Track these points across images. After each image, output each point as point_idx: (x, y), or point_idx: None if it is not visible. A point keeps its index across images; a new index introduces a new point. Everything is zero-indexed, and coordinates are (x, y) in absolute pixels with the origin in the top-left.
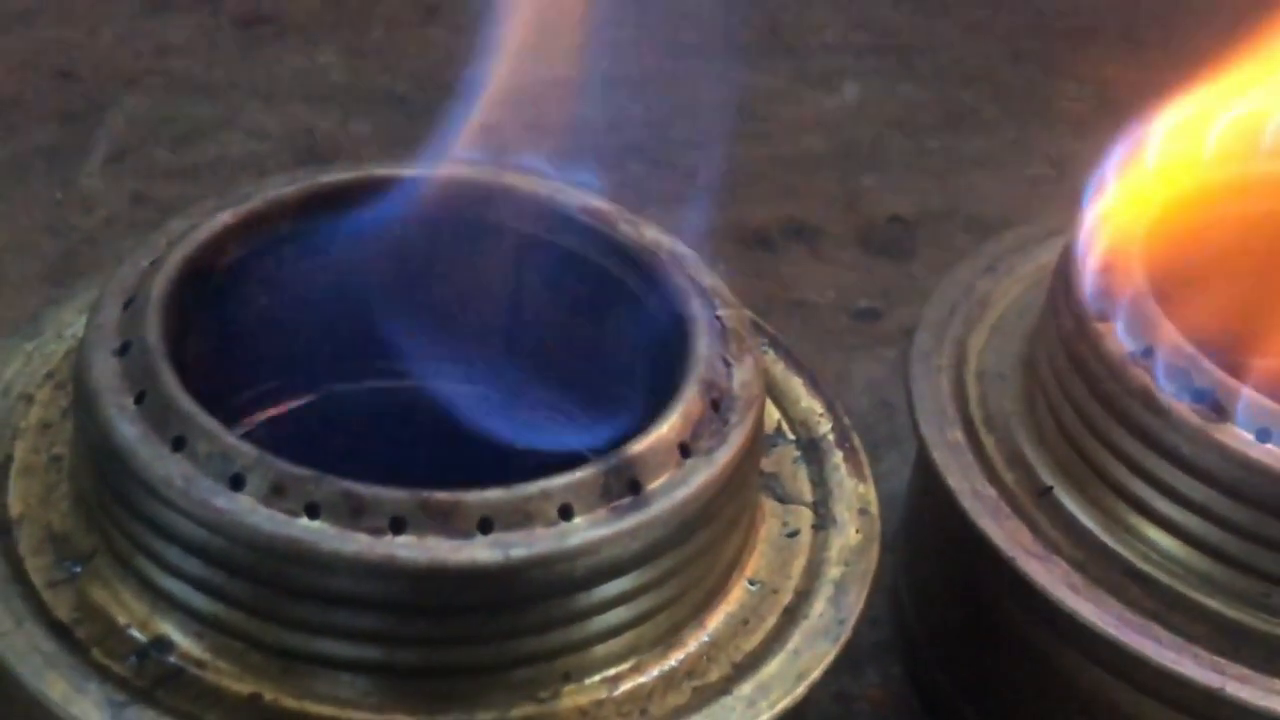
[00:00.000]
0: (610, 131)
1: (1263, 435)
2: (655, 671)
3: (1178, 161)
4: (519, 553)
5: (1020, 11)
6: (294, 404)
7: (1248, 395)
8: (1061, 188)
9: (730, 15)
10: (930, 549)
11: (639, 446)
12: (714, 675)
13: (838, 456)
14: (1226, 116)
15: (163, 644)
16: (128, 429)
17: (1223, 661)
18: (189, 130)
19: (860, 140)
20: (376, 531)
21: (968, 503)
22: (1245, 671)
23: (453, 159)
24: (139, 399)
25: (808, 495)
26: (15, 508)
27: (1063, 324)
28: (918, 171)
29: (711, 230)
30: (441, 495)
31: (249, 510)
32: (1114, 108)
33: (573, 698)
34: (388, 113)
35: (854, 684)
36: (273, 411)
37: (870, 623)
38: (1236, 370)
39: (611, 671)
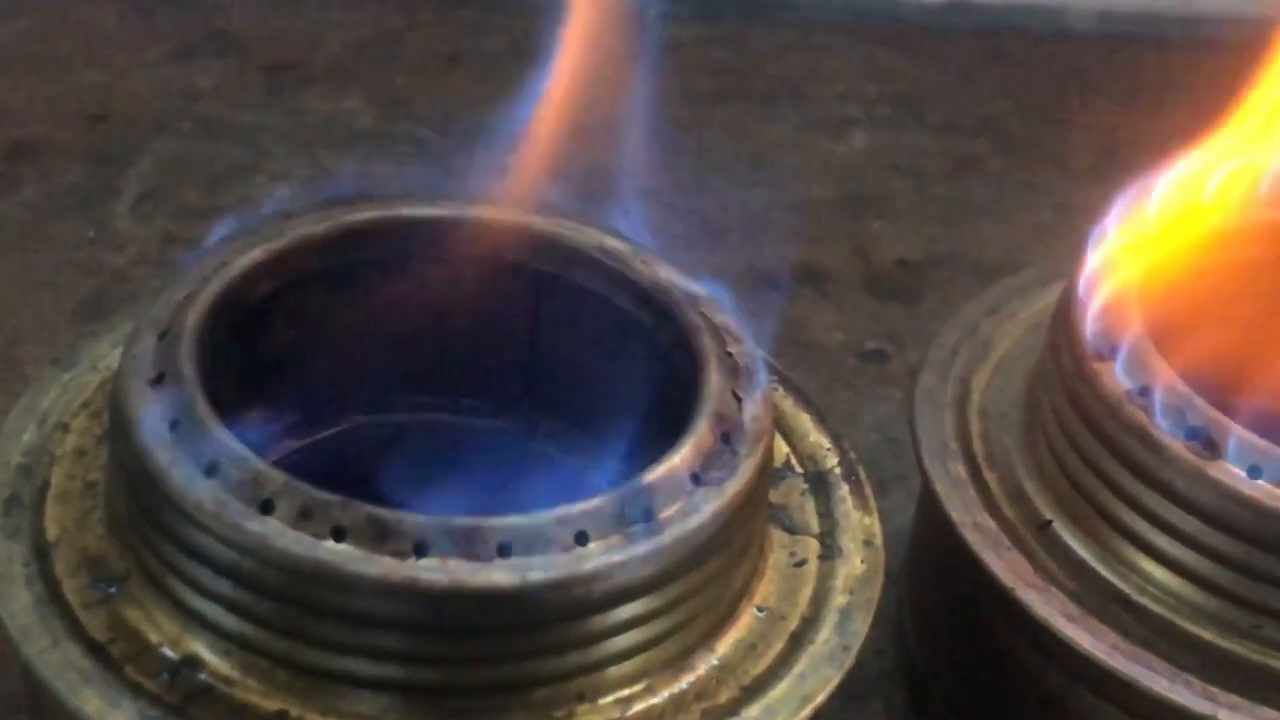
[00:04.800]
0: (625, 175)
1: (1254, 472)
2: (666, 693)
3: (1177, 210)
4: (536, 576)
5: (1026, 64)
6: (319, 436)
7: (1239, 433)
8: (1066, 234)
9: (743, 65)
10: (933, 580)
11: (652, 476)
12: (723, 698)
13: (844, 489)
14: (1225, 167)
15: (193, 662)
16: (162, 455)
17: (1214, 690)
18: (217, 173)
19: (869, 187)
20: (400, 554)
21: (969, 535)
22: (1236, 700)
23: (475, 199)
24: (173, 426)
25: (815, 526)
26: (52, 531)
27: (1063, 363)
28: (925, 218)
29: (722, 273)
30: (463, 520)
31: (278, 533)
32: (1117, 158)
33: (587, 717)
34: (410, 156)
35: (858, 713)
36: (298, 443)
37: (874, 653)
38: (1228, 410)
39: (624, 693)
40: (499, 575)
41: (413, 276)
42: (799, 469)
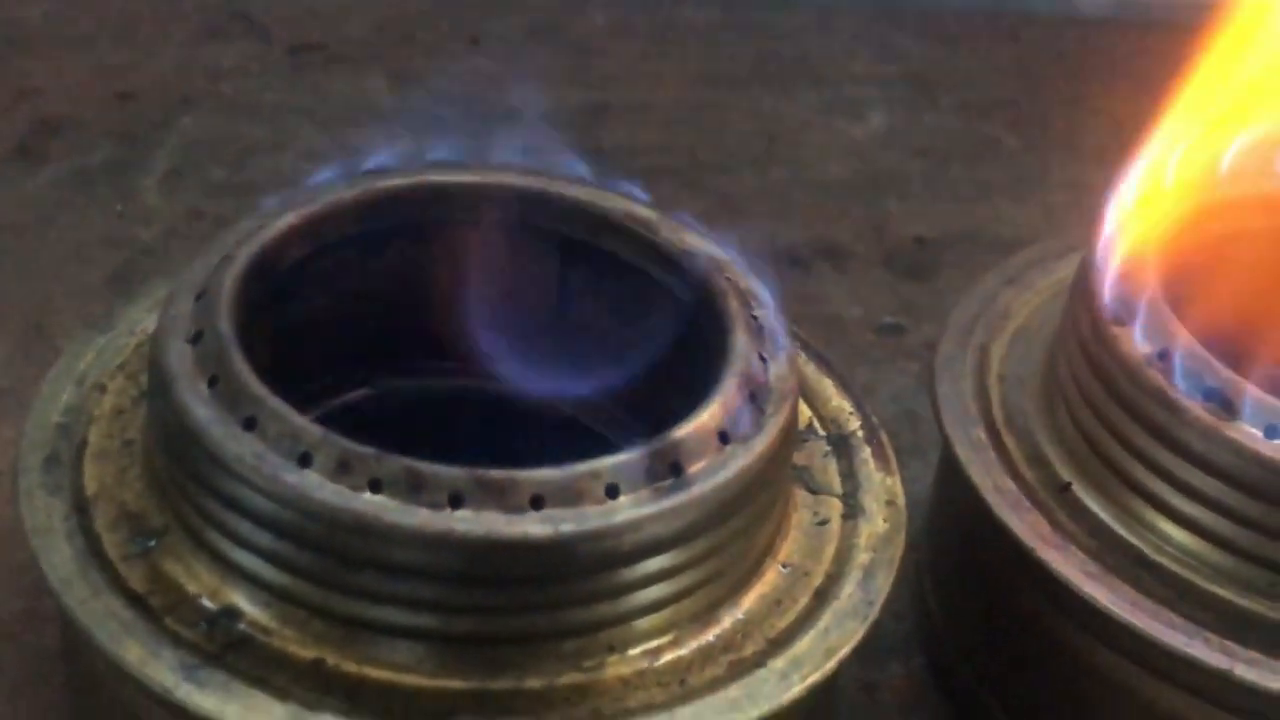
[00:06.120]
0: (643, 154)
1: (1270, 432)
2: (694, 645)
3: (1193, 178)
4: (568, 528)
5: (1040, 47)
6: (349, 398)
7: (1256, 395)
8: (1078, 213)
9: (761, 47)
10: (953, 543)
11: (682, 432)
12: (749, 650)
13: (866, 452)
14: (1240, 137)
15: (232, 612)
16: (202, 411)
17: (1232, 645)
18: (243, 150)
19: (886, 167)
20: (436, 506)
21: (990, 496)
22: (1254, 655)
23: (502, 166)
24: (211, 383)
25: (837, 487)
26: (91, 487)
27: (1081, 329)
28: (940, 196)
29: (743, 249)
30: (497, 473)
31: (316, 485)
32: (1129, 139)
33: (616, 668)
34: (432, 135)
35: (878, 674)
36: (329, 405)
37: (893, 616)
38: (1244, 373)
39: (653, 644)
40: (532, 527)
41: (442, 242)
42: (821, 432)
